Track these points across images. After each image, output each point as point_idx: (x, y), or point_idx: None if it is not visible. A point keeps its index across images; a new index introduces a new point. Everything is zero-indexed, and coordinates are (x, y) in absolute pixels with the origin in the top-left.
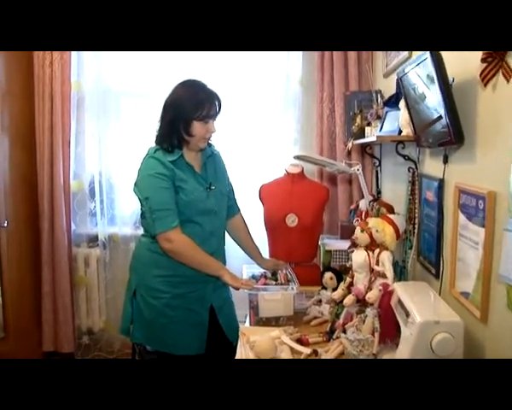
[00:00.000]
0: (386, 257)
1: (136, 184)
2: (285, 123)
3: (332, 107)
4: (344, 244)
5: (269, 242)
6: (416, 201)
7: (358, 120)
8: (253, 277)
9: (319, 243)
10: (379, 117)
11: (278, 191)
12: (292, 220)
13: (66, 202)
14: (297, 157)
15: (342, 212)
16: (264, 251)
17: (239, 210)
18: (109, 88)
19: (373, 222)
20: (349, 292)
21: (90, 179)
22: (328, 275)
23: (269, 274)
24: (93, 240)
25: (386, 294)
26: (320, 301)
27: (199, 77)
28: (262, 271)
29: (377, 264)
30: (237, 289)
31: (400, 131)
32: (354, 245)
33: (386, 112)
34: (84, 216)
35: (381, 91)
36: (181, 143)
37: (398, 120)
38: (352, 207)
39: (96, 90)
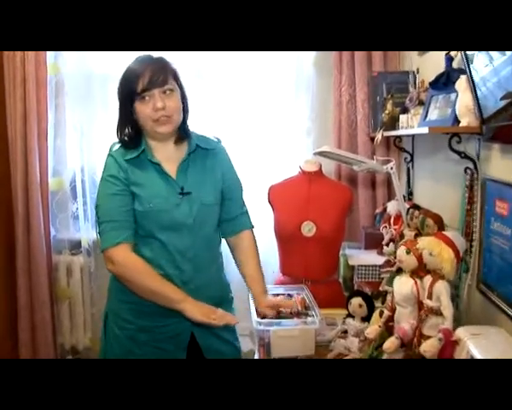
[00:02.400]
0: (443, 289)
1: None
2: (297, 111)
3: (352, 92)
4: (370, 257)
5: (280, 255)
6: (476, 211)
7: (389, 106)
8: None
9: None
10: (421, 102)
11: (292, 194)
12: (308, 229)
13: (44, 204)
14: (318, 153)
15: (363, 215)
16: (275, 265)
17: (249, 227)
18: (92, 71)
19: (425, 242)
20: (386, 329)
21: (72, 177)
22: (356, 302)
23: (282, 297)
24: (76, 246)
25: (449, 345)
26: (345, 331)
27: (194, 54)
28: (272, 292)
29: (429, 297)
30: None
31: (456, 121)
32: (390, 264)
33: (432, 96)
34: (66, 219)
35: (418, 71)
36: (139, 134)
37: (451, 107)
38: (379, 210)
39: (77, 73)
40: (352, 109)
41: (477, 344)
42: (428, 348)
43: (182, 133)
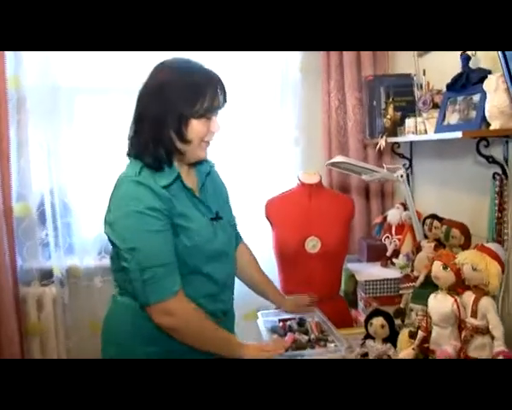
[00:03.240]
0: (490, 306)
1: (109, 224)
2: (283, 120)
3: (342, 97)
4: (377, 270)
5: (281, 274)
6: (508, 218)
7: (390, 110)
8: (273, 330)
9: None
10: (435, 106)
11: (292, 208)
12: (313, 245)
13: (9, 231)
14: (330, 164)
15: (358, 226)
16: None
17: (241, 238)
18: (58, 84)
19: (468, 256)
20: (421, 351)
21: (39, 201)
22: (378, 322)
23: (294, 324)
24: (47, 276)
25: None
26: (366, 354)
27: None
28: (280, 317)
29: (473, 315)
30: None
31: (485, 123)
32: (410, 279)
33: (449, 98)
34: (34, 247)
35: (424, 72)
36: (171, 156)
37: (475, 109)
38: (378, 220)
39: (40, 86)
40: (342, 115)
41: None
42: None
43: None
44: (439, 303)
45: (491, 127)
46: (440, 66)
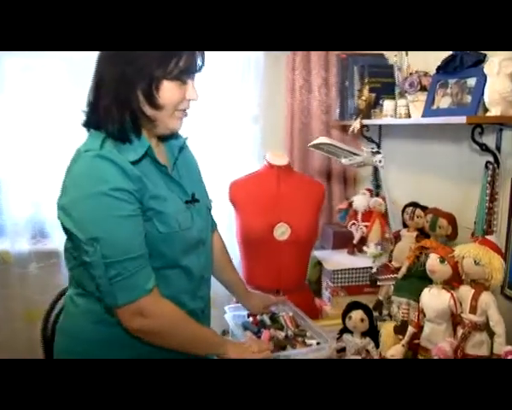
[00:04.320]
0: (491, 302)
1: (63, 209)
2: (243, 96)
3: (307, 75)
4: (345, 259)
5: (244, 264)
6: (498, 209)
7: (366, 92)
8: (245, 326)
9: None
10: (423, 88)
11: (260, 191)
12: (282, 232)
13: None
14: (313, 146)
15: (322, 212)
16: None
17: (215, 224)
18: None
19: (469, 249)
20: (410, 348)
21: None
22: (358, 315)
23: (266, 318)
24: None
25: None
26: (343, 349)
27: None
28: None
29: (473, 311)
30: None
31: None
32: (390, 270)
33: (438, 81)
34: None
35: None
36: (138, 123)
37: (470, 93)
38: (343, 206)
39: None
40: (306, 95)
41: None
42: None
43: None
44: (435, 298)
45: (490, 113)
46: None
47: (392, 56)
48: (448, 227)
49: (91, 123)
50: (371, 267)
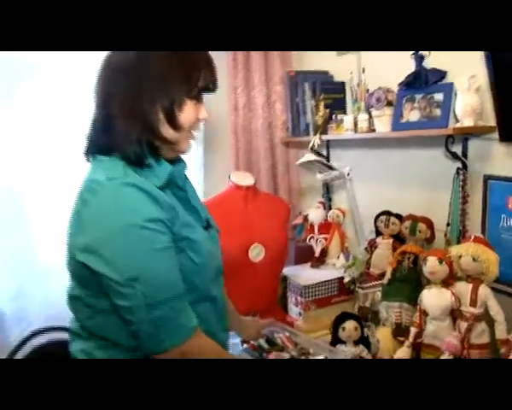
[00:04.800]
0: (490, 294)
1: (88, 249)
2: None
3: (248, 94)
4: (308, 272)
5: None
6: (470, 210)
7: (322, 108)
8: (248, 353)
9: None
10: (389, 103)
11: (230, 213)
12: (257, 253)
13: None
14: (302, 164)
15: None
16: None
17: None
18: None
19: (466, 248)
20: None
21: None
22: (351, 325)
23: (263, 343)
24: None
25: None
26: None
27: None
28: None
29: (473, 304)
30: None
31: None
32: (373, 277)
33: (404, 96)
34: None
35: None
36: (156, 148)
37: (438, 107)
38: (299, 221)
39: None
40: (250, 114)
41: None
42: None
43: None
44: (437, 297)
45: (462, 124)
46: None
47: (340, 74)
48: (427, 231)
49: (101, 148)
50: (341, 278)
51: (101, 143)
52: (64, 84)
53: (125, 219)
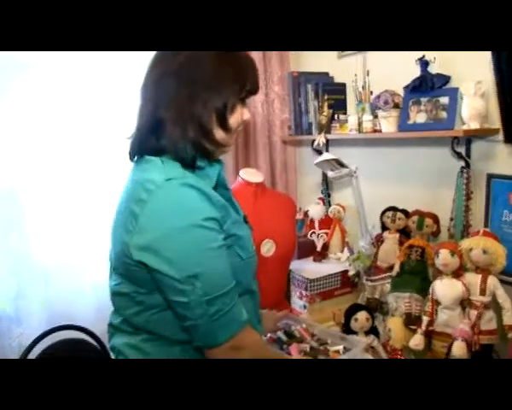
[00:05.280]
0: (498, 284)
1: (148, 248)
2: None
3: None
4: (312, 266)
5: None
6: (474, 206)
7: (326, 108)
8: None
9: None
10: (396, 106)
11: (242, 208)
12: (268, 249)
13: None
14: (318, 163)
15: None
16: None
17: None
18: None
19: (477, 241)
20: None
21: None
22: (363, 316)
23: (282, 335)
24: None
25: None
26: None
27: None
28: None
29: (482, 293)
30: None
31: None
32: (382, 270)
33: (411, 99)
34: None
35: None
36: (207, 149)
37: (445, 109)
38: (299, 217)
39: None
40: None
41: None
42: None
43: None
44: (449, 288)
45: (469, 127)
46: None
47: (339, 75)
48: (433, 225)
49: (152, 149)
50: (344, 271)
51: (152, 145)
52: (58, 83)
53: (185, 218)
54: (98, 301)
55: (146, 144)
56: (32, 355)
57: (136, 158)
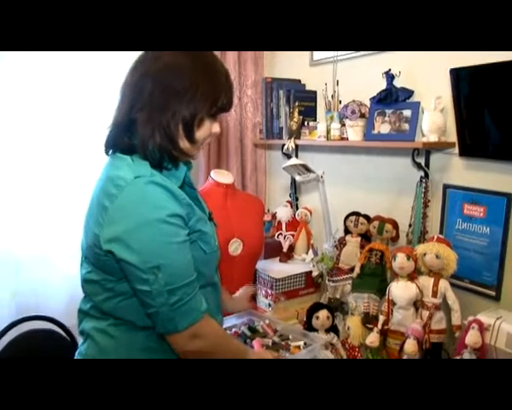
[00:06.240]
0: (448, 286)
1: (116, 239)
2: None
3: None
4: (278, 267)
5: None
6: (430, 214)
7: (296, 114)
8: None
9: None
10: (362, 115)
11: (212, 208)
12: (235, 248)
13: None
14: (286, 167)
15: None
16: None
17: None
18: None
19: (431, 247)
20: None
21: None
22: (324, 314)
23: (245, 330)
24: None
25: (483, 332)
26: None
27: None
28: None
29: (434, 295)
30: None
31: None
32: (344, 271)
33: (376, 110)
34: None
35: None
36: (171, 155)
37: (407, 122)
38: (267, 218)
39: None
40: (222, 115)
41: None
42: (475, 339)
43: None
44: (404, 290)
45: (429, 140)
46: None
47: (313, 84)
48: (393, 231)
49: (123, 147)
50: (308, 272)
51: (124, 143)
52: (32, 75)
53: (151, 213)
54: (68, 293)
55: (119, 141)
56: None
57: (110, 152)
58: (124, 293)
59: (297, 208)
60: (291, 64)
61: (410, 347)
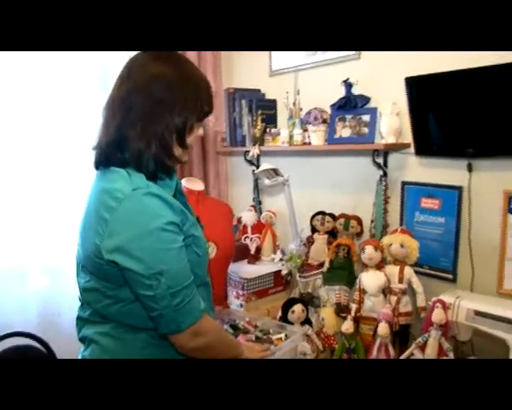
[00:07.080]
0: (413, 273)
1: (119, 249)
2: None
3: None
4: (248, 268)
5: None
6: (391, 209)
7: (259, 122)
8: None
9: None
10: (324, 121)
11: None
12: (210, 251)
13: None
14: (259, 172)
15: None
16: None
17: None
18: None
19: (396, 238)
20: (355, 321)
21: None
22: (300, 307)
23: (228, 328)
24: None
25: (446, 310)
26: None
27: None
28: None
29: (400, 281)
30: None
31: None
32: (315, 267)
33: (336, 116)
34: None
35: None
36: (164, 164)
37: (366, 126)
38: (233, 222)
39: None
40: None
41: (469, 300)
42: (440, 316)
43: None
44: (373, 279)
45: (387, 141)
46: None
47: (273, 93)
48: (358, 226)
49: (116, 161)
50: (277, 271)
51: (117, 158)
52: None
53: (150, 223)
54: (39, 307)
55: (111, 158)
56: None
57: (101, 168)
58: (125, 299)
59: (261, 212)
60: (250, 74)
61: (383, 330)
